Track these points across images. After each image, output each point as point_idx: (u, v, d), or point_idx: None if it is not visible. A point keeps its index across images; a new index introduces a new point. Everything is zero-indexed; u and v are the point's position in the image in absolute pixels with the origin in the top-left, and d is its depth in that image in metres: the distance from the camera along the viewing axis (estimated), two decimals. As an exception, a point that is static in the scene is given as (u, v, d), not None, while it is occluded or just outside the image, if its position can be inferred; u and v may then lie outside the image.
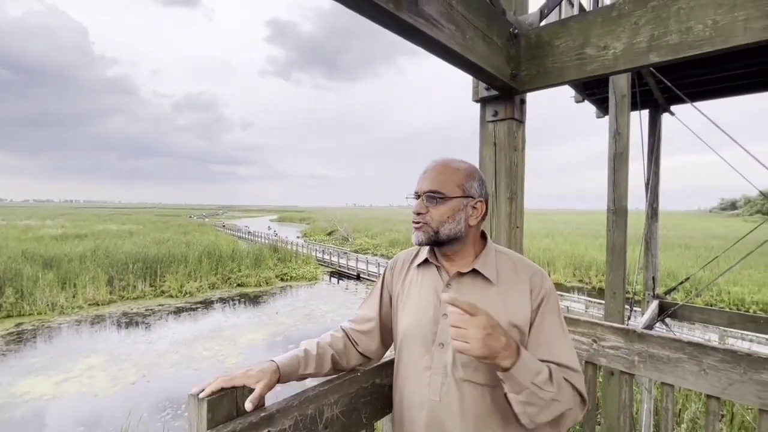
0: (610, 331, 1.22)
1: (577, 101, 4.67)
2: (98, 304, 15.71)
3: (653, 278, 5.29)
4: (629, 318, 4.33)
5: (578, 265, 22.27)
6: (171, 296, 17.24)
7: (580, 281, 21.04)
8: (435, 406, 0.90)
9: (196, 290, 17.98)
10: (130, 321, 14.11)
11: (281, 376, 0.90)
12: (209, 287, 18.82)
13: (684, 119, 4.63)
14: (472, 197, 0.95)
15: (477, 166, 1.56)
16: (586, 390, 1.33)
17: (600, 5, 3.66)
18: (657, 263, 5.34)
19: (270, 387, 0.85)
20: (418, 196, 0.97)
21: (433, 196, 0.94)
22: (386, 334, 1.08)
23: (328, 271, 23.24)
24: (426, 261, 1.01)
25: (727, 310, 6.33)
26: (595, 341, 1.25)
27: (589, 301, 13.81)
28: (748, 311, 13.48)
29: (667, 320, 5.18)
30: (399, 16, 0.86)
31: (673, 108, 4.92)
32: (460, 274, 0.96)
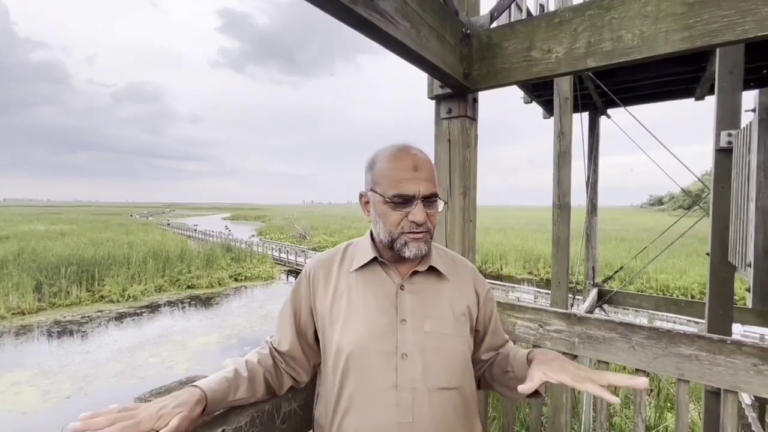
0: (554, 316, 1.32)
1: (526, 102, 4.94)
2: (24, 313, 14.21)
3: (593, 268, 5.74)
4: (572, 305, 4.67)
5: (528, 258, 23.60)
6: (112, 301, 15.98)
7: (530, 273, 22.30)
8: (406, 429, 0.78)
9: (140, 294, 16.81)
10: (63, 330, 12.90)
11: (207, 406, 0.71)
12: (156, 290, 17.67)
13: (619, 122, 5.05)
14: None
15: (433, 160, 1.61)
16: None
17: (545, 11, 3.89)
18: (596, 255, 5.80)
19: (192, 422, 0.67)
20: (409, 199, 0.81)
21: (432, 201, 0.83)
22: (312, 356, 0.91)
23: (285, 270, 22.72)
24: (370, 262, 0.88)
25: (654, 295, 7.01)
26: (541, 326, 1.34)
27: (538, 291, 14.70)
28: (671, 296, 15.03)
29: (605, 306, 5.65)
30: (354, 9, 0.86)
31: (609, 111, 5.36)
32: (415, 273, 0.88)
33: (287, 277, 21.53)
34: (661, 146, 4.55)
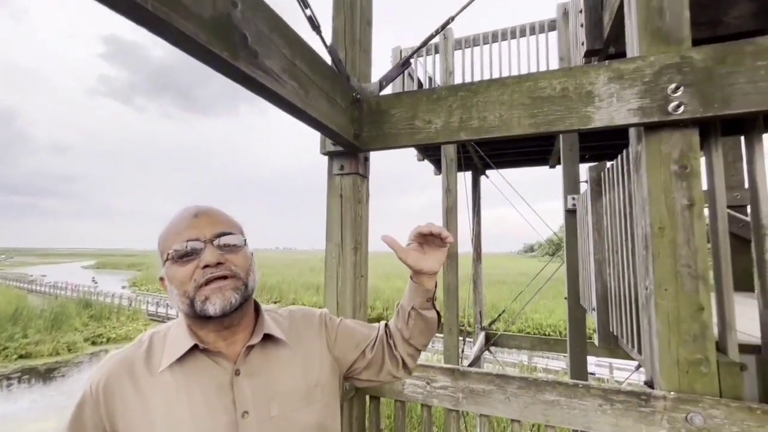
0: (440, 372, 1.34)
1: (419, 160, 5.41)
2: None
3: (480, 312, 6.22)
4: (463, 351, 4.94)
5: (425, 304, 24.58)
6: None
7: (428, 318, 23.18)
8: None
9: (-60, 371, 12.54)
10: None
11: None
12: (-32, 364, 13.40)
13: (497, 181, 5.85)
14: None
15: (326, 215, 1.59)
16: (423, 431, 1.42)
17: (433, 82, 4.43)
18: (483, 299, 6.34)
19: None
20: (194, 246, 0.70)
21: (229, 243, 0.73)
22: None
23: (163, 328, 19.50)
24: (190, 352, 0.71)
25: (531, 335, 7.88)
26: (428, 383, 1.35)
27: (435, 336, 15.34)
28: (544, 334, 17.10)
29: (492, 348, 6.11)
30: (236, 65, 0.83)
31: (488, 172, 6.19)
32: (250, 350, 0.75)
33: (165, 336, 18.49)
34: (534, 201, 5.42)
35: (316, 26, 1.31)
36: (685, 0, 1.21)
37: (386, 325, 0.96)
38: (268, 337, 0.77)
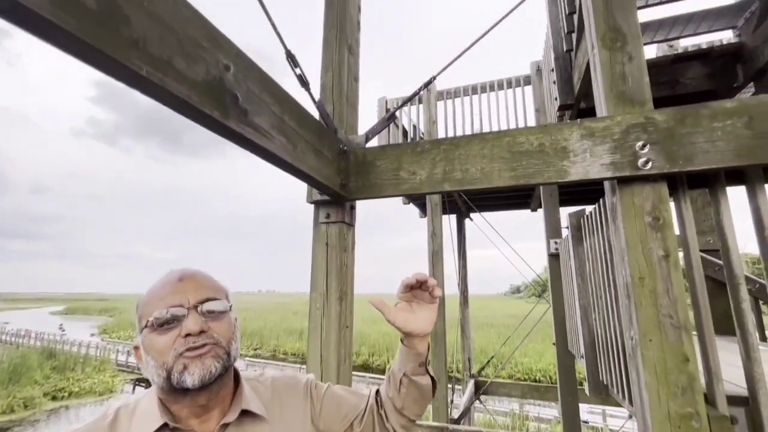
0: (428, 431, 1.28)
1: (405, 203, 5.50)
2: None
3: (468, 359, 6.05)
4: (452, 401, 4.73)
5: (413, 349, 23.72)
6: None
7: (415, 364, 22.26)
8: None
9: None
10: None
11: None
12: None
13: (481, 223, 5.96)
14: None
15: (310, 264, 1.58)
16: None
17: (416, 135, 4.62)
18: (471, 345, 6.19)
19: None
20: (176, 313, 0.66)
21: (213, 309, 0.69)
22: None
23: (132, 379, 18.18)
24: (158, 431, 0.65)
25: (522, 382, 7.65)
26: (416, 444, 1.28)
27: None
28: (535, 379, 16.61)
29: (482, 396, 5.88)
30: (226, 124, 0.86)
31: (472, 215, 6.31)
32: (225, 428, 0.69)
33: (134, 389, 17.18)
34: (519, 240, 5.49)
35: (305, 83, 1.38)
36: (644, 67, 1.33)
37: (377, 392, 0.90)
38: (246, 413, 0.72)
